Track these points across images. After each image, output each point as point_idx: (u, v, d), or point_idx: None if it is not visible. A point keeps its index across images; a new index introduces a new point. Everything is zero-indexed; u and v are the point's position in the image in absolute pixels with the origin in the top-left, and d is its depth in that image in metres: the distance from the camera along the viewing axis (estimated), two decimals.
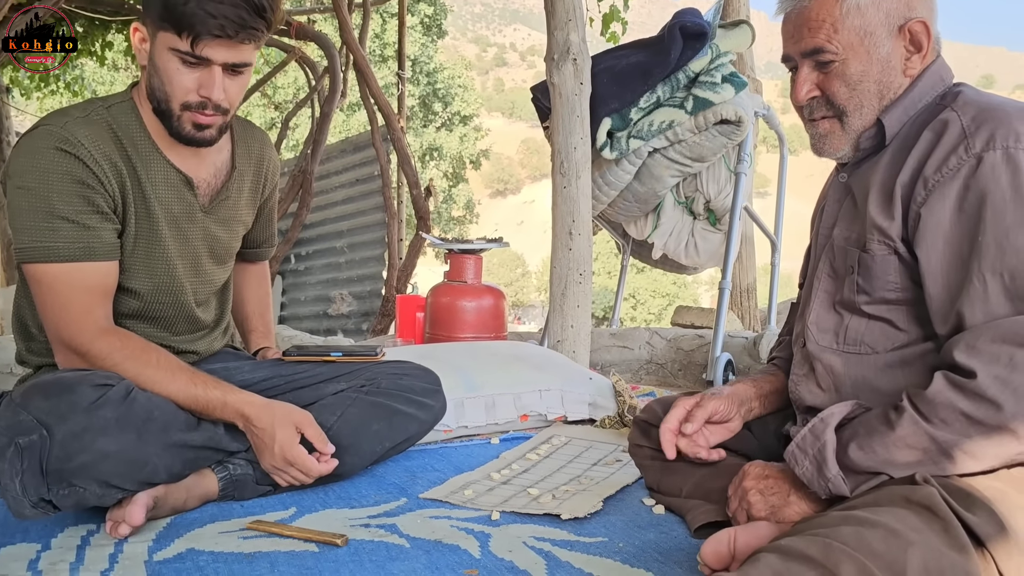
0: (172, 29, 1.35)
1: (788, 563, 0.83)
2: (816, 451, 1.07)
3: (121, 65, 15.37)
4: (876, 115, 1.19)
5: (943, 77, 1.18)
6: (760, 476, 1.18)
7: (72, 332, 1.37)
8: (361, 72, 5.70)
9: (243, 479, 1.47)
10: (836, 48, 1.16)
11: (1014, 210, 1.01)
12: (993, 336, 0.98)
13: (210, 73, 1.39)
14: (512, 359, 2.33)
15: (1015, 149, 1.02)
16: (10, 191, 1.36)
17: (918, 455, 1.00)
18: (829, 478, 1.05)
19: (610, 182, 3.17)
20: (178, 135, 1.45)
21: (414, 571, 1.17)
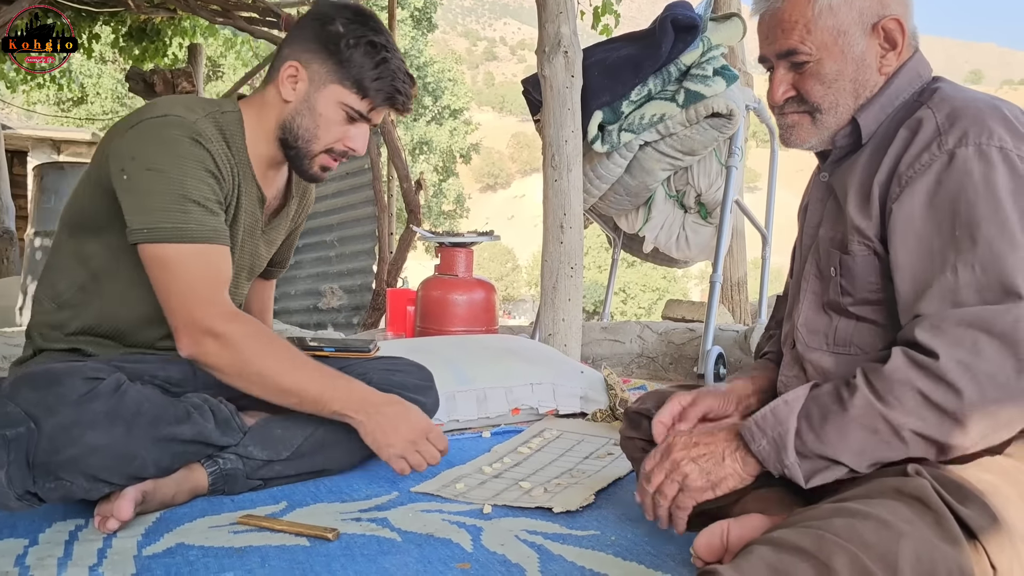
0: (354, 90, 1.47)
1: (781, 555, 0.83)
2: (777, 434, 1.03)
3: (108, 57, 15.26)
4: (851, 114, 1.18)
5: (920, 73, 1.17)
6: (688, 444, 1.12)
7: (203, 313, 1.36)
8: None
9: (233, 473, 1.46)
10: (810, 49, 1.15)
11: (985, 204, 1.00)
12: (959, 320, 0.96)
13: (362, 129, 1.52)
14: (503, 352, 2.32)
15: (987, 145, 1.01)
16: (136, 172, 1.36)
17: (869, 437, 0.98)
18: (787, 464, 1.02)
19: (601, 175, 3.17)
20: (301, 170, 1.55)
21: (406, 565, 1.17)
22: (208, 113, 1.45)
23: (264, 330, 1.42)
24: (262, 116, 1.52)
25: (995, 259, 0.98)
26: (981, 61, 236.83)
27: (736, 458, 1.08)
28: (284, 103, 1.50)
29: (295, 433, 1.53)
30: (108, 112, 17.27)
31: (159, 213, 1.35)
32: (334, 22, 1.48)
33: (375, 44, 1.47)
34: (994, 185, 1.00)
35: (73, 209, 1.48)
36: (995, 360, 0.93)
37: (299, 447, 1.52)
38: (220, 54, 13.55)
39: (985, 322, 0.95)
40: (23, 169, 9.58)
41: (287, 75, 1.48)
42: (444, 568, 1.16)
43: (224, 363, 1.38)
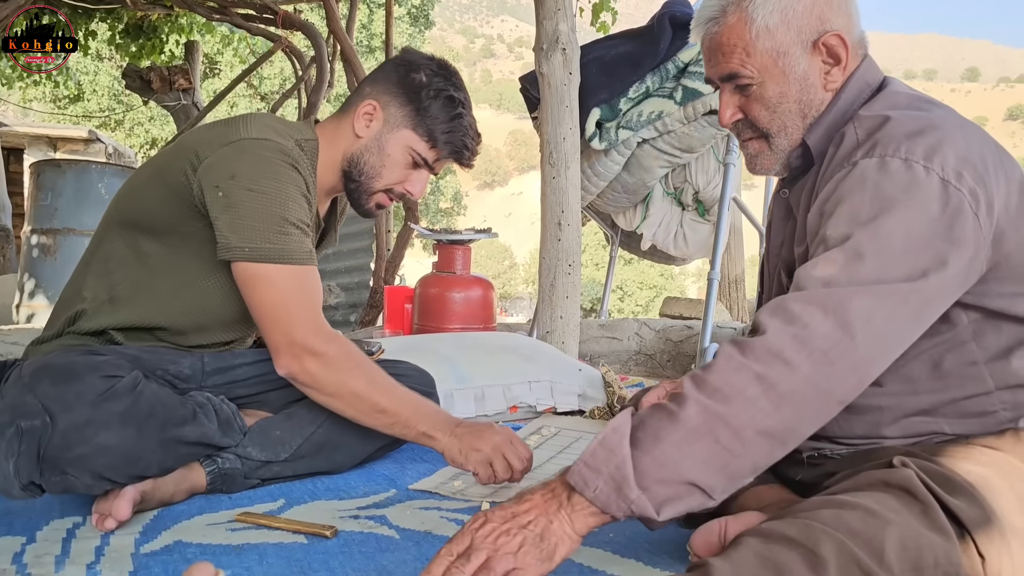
0: (425, 139, 1.53)
1: (770, 544, 0.84)
2: (613, 468, 0.89)
3: (105, 55, 15.22)
4: (801, 134, 1.16)
5: (869, 81, 1.15)
6: (506, 516, 0.93)
7: (305, 332, 1.37)
8: (349, 62, 5.66)
9: (231, 472, 1.46)
10: (751, 72, 1.14)
11: (860, 199, 0.97)
12: (800, 298, 0.93)
13: (423, 176, 1.58)
14: (501, 350, 2.32)
15: (891, 157, 0.99)
16: (235, 191, 1.37)
17: (712, 447, 0.88)
18: (632, 499, 0.89)
19: (599, 172, 3.17)
20: (357, 204, 1.60)
21: (404, 562, 1.17)
22: (296, 140, 1.49)
23: (357, 351, 1.43)
24: (332, 145, 1.57)
25: (854, 265, 0.95)
26: (976, 58, 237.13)
27: (562, 517, 0.92)
28: (356, 137, 1.55)
29: (294, 435, 1.53)
30: (105, 109, 17.22)
31: (259, 233, 1.37)
32: (419, 71, 1.53)
33: (454, 99, 1.54)
34: (882, 193, 0.97)
35: (134, 208, 1.48)
36: (828, 335, 0.90)
37: (298, 449, 1.52)
38: (217, 51, 13.51)
39: (830, 302, 0.91)
40: (19, 166, 9.56)
41: (364, 112, 1.53)
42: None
43: (323, 382, 1.38)
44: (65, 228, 4.88)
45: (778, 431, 0.89)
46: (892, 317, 0.92)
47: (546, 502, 0.93)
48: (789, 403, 0.89)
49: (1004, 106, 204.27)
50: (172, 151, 1.48)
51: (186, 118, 7.23)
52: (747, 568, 0.81)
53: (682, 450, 0.89)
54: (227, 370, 1.58)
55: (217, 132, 1.45)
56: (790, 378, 0.89)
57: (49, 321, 1.52)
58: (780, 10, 1.11)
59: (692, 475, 0.89)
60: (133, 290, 1.46)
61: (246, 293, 1.40)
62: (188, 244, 1.45)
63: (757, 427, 0.89)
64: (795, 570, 0.80)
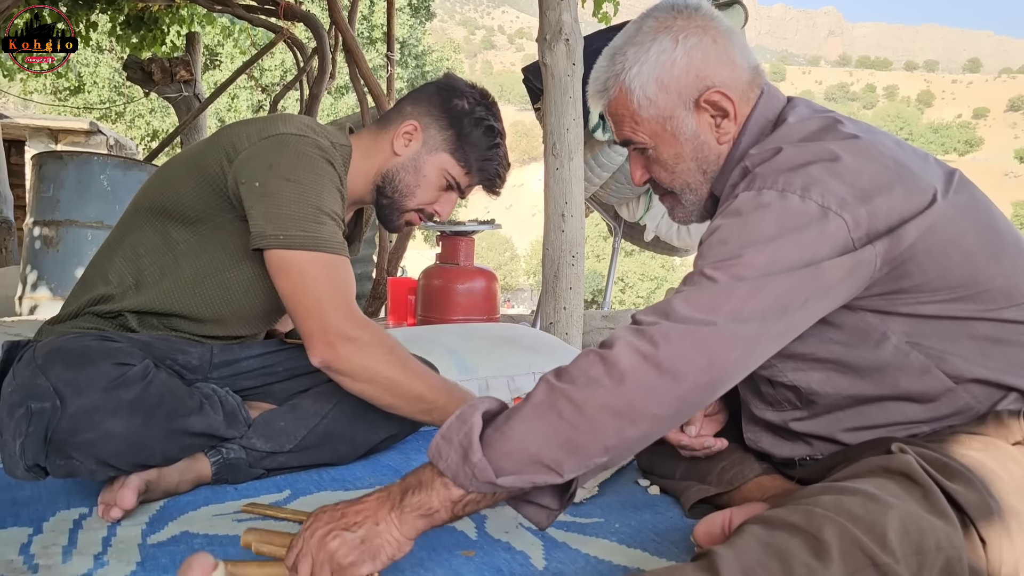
0: (462, 164, 1.57)
1: (772, 531, 0.84)
2: (463, 435, 0.94)
3: (105, 46, 15.20)
4: (706, 187, 1.19)
5: (769, 117, 1.15)
6: (335, 516, 0.97)
7: (340, 318, 1.36)
8: (351, 53, 5.65)
9: (236, 463, 1.46)
10: (643, 138, 1.17)
11: (729, 227, 0.99)
12: (686, 298, 0.96)
13: (452, 198, 1.62)
14: (505, 341, 2.32)
15: (768, 189, 1.00)
16: (272, 181, 1.38)
17: (556, 421, 0.92)
18: (475, 462, 0.92)
19: (602, 164, 3.16)
20: (387, 220, 1.63)
21: (410, 553, 1.16)
22: (332, 143, 1.51)
23: (392, 339, 1.42)
24: (367, 158, 1.59)
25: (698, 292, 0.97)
26: (978, 49, 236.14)
27: (391, 520, 0.96)
28: (393, 155, 1.58)
29: (298, 426, 1.53)
30: (105, 101, 17.20)
31: (294, 221, 1.37)
32: (462, 98, 1.58)
33: (494, 129, 1.58)
34: (749, 223, 0.98)
35: (167, 196, 1.49)
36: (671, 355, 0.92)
37: (302, 440, 1.52)
38: (218, 43, 13.50)
39: (711, 305, 0.94)
40: (21, 158, 9.54)
41: (404, 131, 1.56)
42: (449, 555, 1.16)
43: (357, 368, 1.36)
44: (67, 220, 4.87)
45: (621, 407, 0.91)
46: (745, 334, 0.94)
47: (379, 504, 0.97)
48: (631, 380, 0.91)
49: (1006, 97, 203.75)
50: (207, 143, 1.50)
51: (187, 110, 7.22)
52: (751, 555, 0.82)
53: (527, 424, 0.93)
54: (233, 363, 1.59)
55: (255, 127, 1.47)
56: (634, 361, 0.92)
57: (67, 302, 1.52)
58: (655, 78, 1.13)
59: (534, 448, 0.92)
60: (159, 275, 1.48)
61: (279, 281, 1.39)
62: (217, 235, 1.47)
63: (598, 402, 0.91)
64: (798, 556, 0.81)
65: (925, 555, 0.82)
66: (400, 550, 0.97)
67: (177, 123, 7.61)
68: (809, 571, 0.79)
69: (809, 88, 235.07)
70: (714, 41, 1.14)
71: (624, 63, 1.15)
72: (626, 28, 1.20)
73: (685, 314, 0.93)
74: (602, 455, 0.93)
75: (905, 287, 1.02)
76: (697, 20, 1.14)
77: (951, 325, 1.04)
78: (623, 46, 1.17)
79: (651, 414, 0.92)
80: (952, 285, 1.02)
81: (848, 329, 1.06)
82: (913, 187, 1.01)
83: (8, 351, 1.38)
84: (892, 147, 1.06)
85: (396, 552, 0.96)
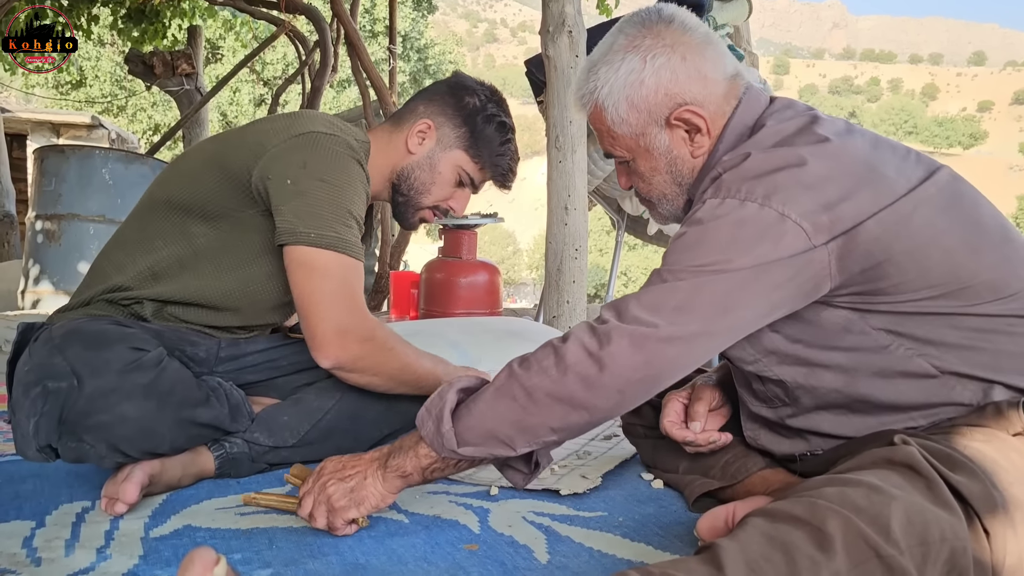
0: (475, 160, 1.61)
1: (776, 523, 0.84)
2: (439, 409, 1.08)
3: (107, 40, 15.18)
4: (683, 196, 1.23)
5: (747, 122, 1.16)
6: (336, 467, 1.18)
7: (357, 319, 1.39)
8: (353, 46, 5.63)
9: (239, 457, 1.46)
10: (621, 152, 1.22)
11: (689, 234, 1.04)
12: (637, 296, 1.03)
13: (466, 194, 1.66)
14: (508, 335, 2.32)
15: (731, 197, 1.02)
16: (305, 180, 1.40)
17: (510, 404, 1.04)
18: (443, 432, 1.06)
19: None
20: (403, 217, 1.67)
21: (414, 546, 1.17)
22: (359, 141, 1.53)
23: (394, 333, 1.49)
24: (382, 155, 1.61)
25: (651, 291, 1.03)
26: (983, 42, 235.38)
27: (377, 476, 1.14)
28: (408, 153, 1.60)
29: (301, 421, 1.53)
30: (107, 95, 17.18)
31: (323, 221, 1.38)
32: (474, 95, 1.61)
33: (505, 125, 1.62)
34: (707, 232, 1.02)
35: (186, 191, 1.49)
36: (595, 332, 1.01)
37: (305, 435, 1.52)
38: (219, 36, 13.46)
39: (658, 304, 1.01)
40: (23, 152, 9.55)
41: (418, 130, 1.59)
42: (452, 549, 1.16)
43: (367, 365, 1.42)
44: (69, 214, 4.87)
45: (564, 396, 1.01)
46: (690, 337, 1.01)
47: (370, 461, 1.16)
48: (573, 372, 1.00)
49: (1011, 90, 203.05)
50: (231, 142, 1.51)
51: (189, 103, 7.21)
52: (754, 547, 0.81)
53: (488, 403, 1.06)
54: (239, 357, 1.60)
55: (282, 124, 1.48)
56: (579, 356, 1.00)
57: (78, 291, 1.52)
58: (626, 98, 1.16)
59: (491, 425, 1.05)
60: (178, 268, 1.48)
61: (298, 276, 1.39)
62: (237, 229, 1.47)
63: (545, 390, 1.02)
64: (802, 548, 0.80)
65: (929, 546, 0.82)
66: (383, 501, 1.15)
67: (179, 117, 7.60)
68: (813, 563, 0.79)
69: (813, 81, 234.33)
70: (683, 59, 1.14)
71: (596, 82, 1.18)
72: (603, 39, 1.22)
73: (633, 313, 1.01)
74: (550, 435, 1.05)
75: (883, 287, 1.03)
76: (666, 37, 1.15)
77: (934, 320, 1.04)
78: (597, 63, 1.19)
79: (591, 404, 1.02)
80: (933, 283, 1.03)
81: (827, 326, 1.08)
82: (882, 188, 1.02)
83: (23, 332, 1.40)
84: (865, 149, 1.06)
85: (379, 503, 1.15)
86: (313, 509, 1.16)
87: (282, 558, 1.12)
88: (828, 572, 0.79)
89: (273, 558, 1.12)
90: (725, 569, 0.79)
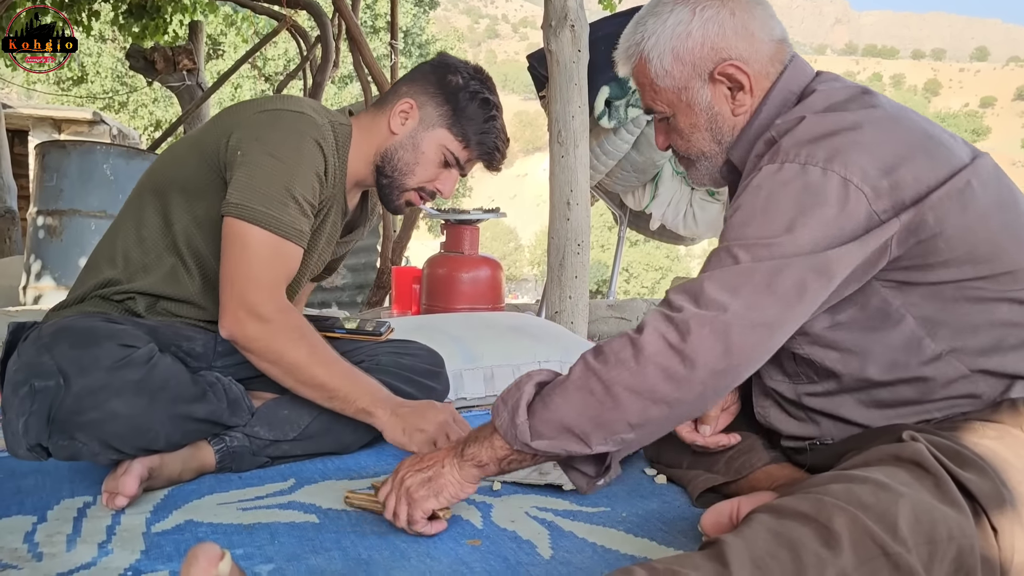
0: (460, 139, 1.55)
1: (782, 520, 0.83)
2: (515, 401, 1.06)
3: (108, 36, 15.16)
4: (722, 155, 1.21)
5: (793, 90, 1.15)
6: (413, 461, 1.18)
7: (260, 298, 1.37)
8: (355, 41, 5.62)
9: (239, 451, 1.45)
10: (663, 107, 1.20)
11: (751, 204, 1.01)
12: (679, 288, 1.00)
13: (453, 175, 1.60)
14: (510, 330, 2.31)
15: (791, 162, 1.01)
16: (254, 152, 1.40)
17: (587, 398, 0.99)
18: (518, 424, 1.04)
19: (608, 151, 3.14)
20: (387, 200, 1.61)
21: (417, 542, 1.16)
22: (331, 122, 1.52)
23: (307, 327, 1.43)
24: (367, 138, 1.59)
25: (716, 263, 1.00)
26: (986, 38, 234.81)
27: (454, 465, 1.13)
28: (391, 134, 1.57)
29: (302, 414, 1.52)
30: (108, 91, 17.17)
31: (260, 197, 1.37)
32: (456, 73, 1.57)
33: (489, 102, 1.57)
34: (771, 202, 1.00)
35: (169, 174, 1.50)
36: (670, 324, 0.97)
37: (306, 428, 1.52)
38: (220, 32, 13.45)
39: (732, 282, 0.96)
40: (24, 148, 9.54)
41: (400, 110, 1.56)
42: (455, 544, 1.15)
43: (262, 348, 1.38)
44: (71, 209, 4.86)
45: (643, 389, 0.96)
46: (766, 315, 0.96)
47: (447, 452, 1.15)
48: (653, 364, 0.95)
49: (1013, 86, 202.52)
50: (211, 122, 1.52)
51: (190, 99, 7.20)
52: (761, 544, 0.81)
53: (564, 397, 1.02)
54: (236, 352, 1.57)
55: (257, 102, 1.49)
56: (659, 347, 0.96)
57: (73, 287, 1.52)
58: (671, 50, 1.15)
59: (568, 419, 1.01)
60: (157, 259, 1.47)
61: (224, 248, 1.39)
62: (208, 213, 1.46)
63: (623, 383, 0.97)
64: (809, 545, 0.80)
65: (936, 545, 0.82)
66: (462, 491, 1.14)
67: (180, 113, 7.59)
68: (819, 560, 0.79)
69: None
70: (732, 14, 1.14)
71: (644, 33, 1.17)
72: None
73: (710, 297, 0.96)
74: (627, 431, 1.00)
75: (931, 263, 1.01)
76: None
77: (971, 308, 1.03)
78: (645, 15, 1.18)
79: (673, 397, 0.96)
80: (977, 261, 1.01)
81: (869, 309, 1.06)
82: (939, 157, 1.00)
83: (13, 332, 1.39)
84: (920, 120, 1.05)
85: (458, 492, 1.14)
86: (396, 506, 1.15)
87: (284, 553, 1.12)
88: (834, 570, 0.78)
89: (275, 553, 1.12)
90: (731, 566, 0.78)
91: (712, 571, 0.78)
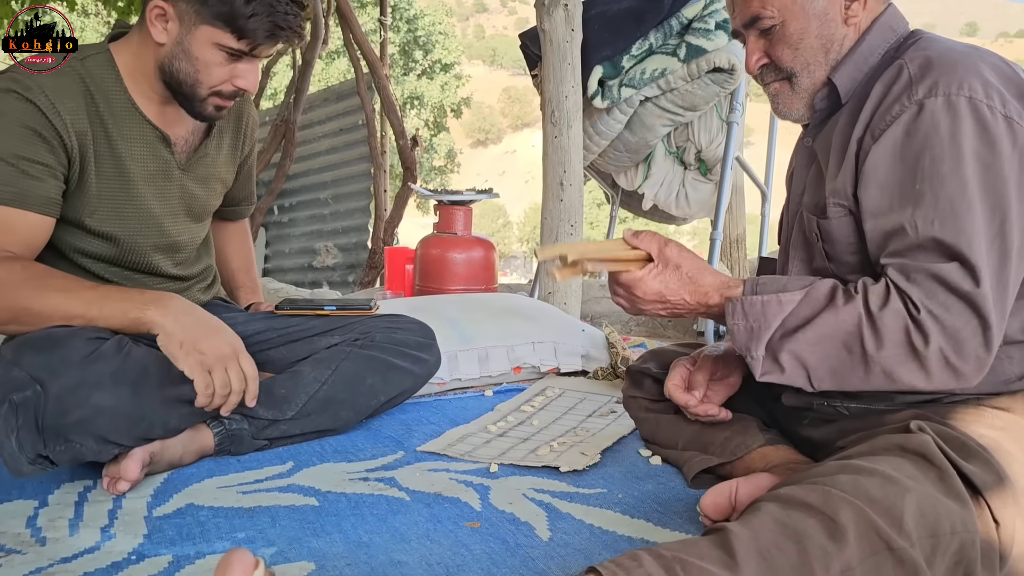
0: (228, 30, 1.35)
1: (789, 510, 0.84)
2: (756, 325, 1.06)
3: (91, 11, 14.93)
4: (826, 73, 1.18)
5: (895, 28, 1.16)
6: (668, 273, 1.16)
7: None
8: (344, 17, 5.56)
9: (239, 434, 1.46)
10: (772, 13, 1.16)
11: (950, 160, 1.00)
12: (927, 273, 0.99)
13: (251, 66, 1.43)
14: (504, 311, 2.32)
15: (956, 96, 1.01)
16: None
17: (840, 353, 1.01)
18: (754, 356, 1.06)
19: (601, 131, 3.14)
20: (197, 114, 1.47)
21: (416, 524, 1.17)
22: (67, 65, 1.38)
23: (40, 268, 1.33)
24: (140, 58, 1.43)
25: (953, 217, 0.99)
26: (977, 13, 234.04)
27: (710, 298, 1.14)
28: (158, 46, 1.39)
29: (299, 393, 1.53)
30: None
31: None
32: None
33: None
34: (959, 140, 1.00)
35: None
36: (960, 318, 0.97)
37: (304, 406, 1.52)
38: None
39: (950, 280, 0.97)
40: None
41: (154, 15, 1.37)
42: (454, 527, 1.17)
43: None
44: None
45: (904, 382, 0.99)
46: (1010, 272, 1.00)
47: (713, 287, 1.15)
48: (931, 373, 0.98)
49: None
50: None
51: None
52: (766, 534, 0.82)
53: (819, 341, 1.02)
54: None
55: None
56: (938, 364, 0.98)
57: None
58: None
59: (813, 359, 1.03)
60: None
61: None
62: None
63: (886, 368, 0.99)
64: (814, 537, 0.81)
65: (939, 539, 0.83)
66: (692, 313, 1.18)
67: None
68: (825, 553, 0.80)
69: None
70: None
71: None
72: None
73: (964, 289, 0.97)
74: (851, 389, 1.04)
75: None
76: None
77: None
78: None
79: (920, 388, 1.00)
80: None
81: None
82: None
83: None
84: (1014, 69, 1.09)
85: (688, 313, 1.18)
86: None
87: (286, 537, 1.13)
88: (839, 563, 0.80)
89: (277, 536, 1.13)
90: (736, 555, 0.80)
91: (718, 560, 0.80)
